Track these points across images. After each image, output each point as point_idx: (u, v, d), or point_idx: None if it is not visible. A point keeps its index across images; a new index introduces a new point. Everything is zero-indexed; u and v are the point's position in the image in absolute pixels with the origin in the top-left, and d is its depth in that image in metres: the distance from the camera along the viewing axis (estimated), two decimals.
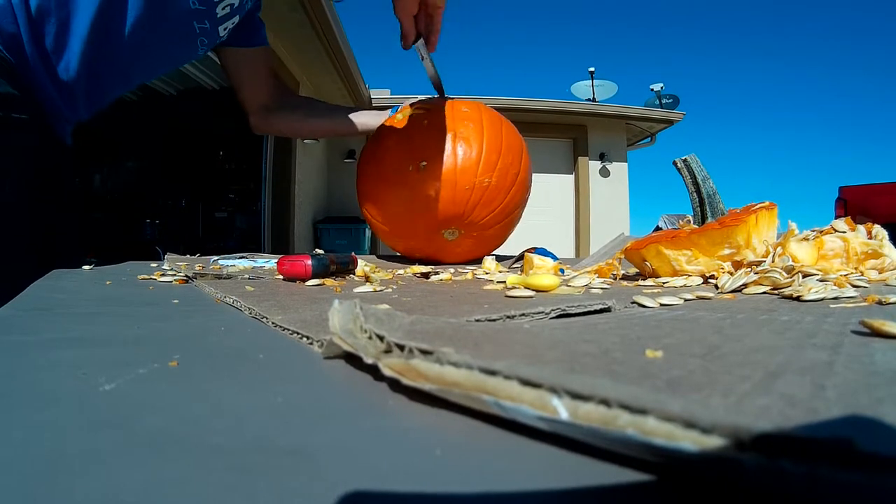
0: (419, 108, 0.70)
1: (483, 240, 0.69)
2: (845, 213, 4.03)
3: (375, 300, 0.30)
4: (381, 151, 0.68)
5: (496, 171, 0.65)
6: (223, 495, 0.09)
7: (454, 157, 0.64)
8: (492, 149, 0.66)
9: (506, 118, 0.73)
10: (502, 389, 0.11)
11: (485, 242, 0.70)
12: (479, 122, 0.67)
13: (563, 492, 0.09)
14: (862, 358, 0.14)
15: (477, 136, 0.65)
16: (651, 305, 0.27)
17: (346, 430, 0.11)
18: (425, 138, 0.65)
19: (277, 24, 2.59)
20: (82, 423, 0.12)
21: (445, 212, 0.64)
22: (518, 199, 0.69)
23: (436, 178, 0.63)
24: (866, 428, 0.09)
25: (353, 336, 0.16)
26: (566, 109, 4.49)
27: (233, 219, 3.90)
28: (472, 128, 0.66)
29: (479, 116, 0.68)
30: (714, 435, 0.08)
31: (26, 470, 0.10)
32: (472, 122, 0.67)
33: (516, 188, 0.68)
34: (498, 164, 0.65)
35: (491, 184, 0.65)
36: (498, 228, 0.69)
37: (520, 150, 0.70)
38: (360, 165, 0.71)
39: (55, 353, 0.18)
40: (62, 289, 0.37)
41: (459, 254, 0.71)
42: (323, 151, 4.32)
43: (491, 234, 0.69)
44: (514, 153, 0.68)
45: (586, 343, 0.16)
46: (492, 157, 0.65)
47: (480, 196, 0.65)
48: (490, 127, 0.68)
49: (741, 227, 0.38)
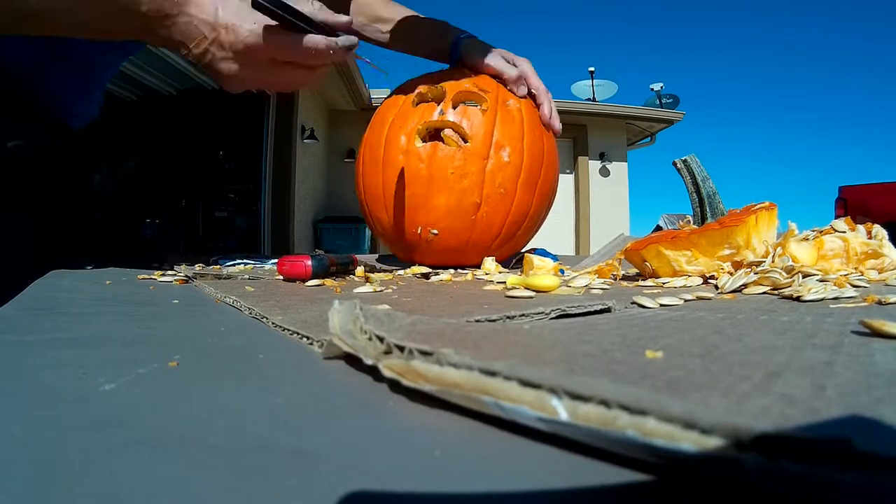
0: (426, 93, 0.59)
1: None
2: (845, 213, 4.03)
3: (375, 300, 0.30)
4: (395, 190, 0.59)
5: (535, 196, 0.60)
6: (223, 495, 0.09)
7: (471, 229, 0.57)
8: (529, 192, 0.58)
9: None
10: (502, 390, 0.11)
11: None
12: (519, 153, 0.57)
13: (563, 492, 0.09)
14: (862, 358, 0.14)
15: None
16: (651, 306, 0.27)
17: (346, 430, 0.11)
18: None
19: None
20: (82, 423, 0.12)
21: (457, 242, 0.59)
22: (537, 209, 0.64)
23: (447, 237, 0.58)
24: (866, 428, 0.09)
25: (353, 337, 0.16)
26: (566, 109, 4.49)
27: (233, 219, 3.90)
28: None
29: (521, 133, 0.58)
30: (714, 435, 0.08)
31: (26, 470, 0.10)
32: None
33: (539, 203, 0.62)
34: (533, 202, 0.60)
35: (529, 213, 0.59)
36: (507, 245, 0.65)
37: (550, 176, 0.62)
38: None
39: (55, 352, 0.18)
40: (62, 289, 0.37)
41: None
42: (323, 151, 4.32)
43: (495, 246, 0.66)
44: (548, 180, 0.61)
45: (586, 343, 0.16)
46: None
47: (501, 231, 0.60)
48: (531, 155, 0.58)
49: (741, 228, 0.38)
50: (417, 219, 0.58)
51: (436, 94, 0.59)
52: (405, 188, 0.57)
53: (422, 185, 0.56)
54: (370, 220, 0.65)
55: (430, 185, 0.56)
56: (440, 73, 0.64)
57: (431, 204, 0.56)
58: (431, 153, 0.56)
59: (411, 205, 0.57)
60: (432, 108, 0.58)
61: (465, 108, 0.57)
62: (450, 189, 0.56)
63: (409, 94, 0.61)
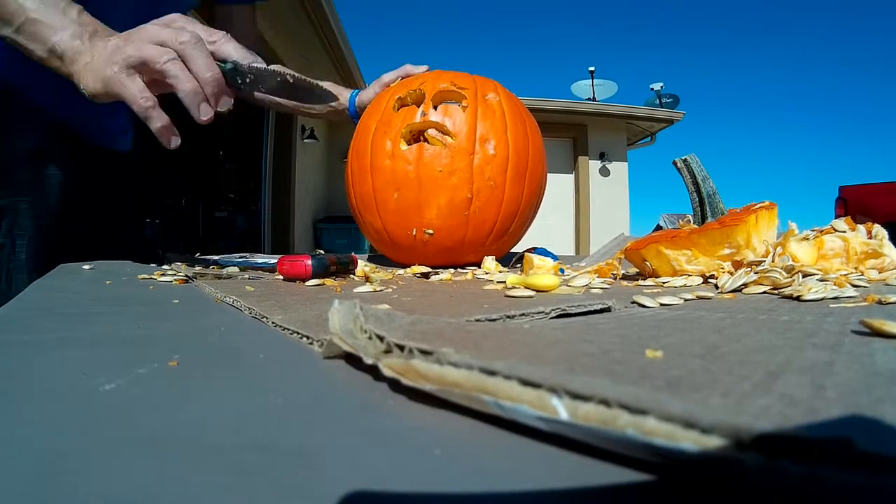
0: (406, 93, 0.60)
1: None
2: (845, 213, 4.03)
3: (375, 300, 0.30)
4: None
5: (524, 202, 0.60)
6: (223, 495, 0.09)
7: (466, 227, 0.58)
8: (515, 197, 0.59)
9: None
10: (502, 389, 0.11)
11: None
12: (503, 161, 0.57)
13: (563, 492, 0.09)
14: (862, 358, 0.14)
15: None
16: (651, 305, 0.27)
17: (346, 430, 0.11)
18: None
19: (277, 21, 2.59)
20: (83, 423, 0.12)
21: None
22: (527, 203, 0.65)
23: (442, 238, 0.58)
24: (866, 428, 0.09)
25: (353, 336, 0.16)
26: (566, 109, 4.49)
27: (233, 219, 3.90)
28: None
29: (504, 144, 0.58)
30: (714, 435, 0.08)
31: (26, 469, 0.10)
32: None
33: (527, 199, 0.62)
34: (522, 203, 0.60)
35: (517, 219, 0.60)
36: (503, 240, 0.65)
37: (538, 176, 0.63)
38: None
39: (55, 352, 0.18)
40: (62, 289, 0.37)
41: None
42: (323, 151, 4.32)
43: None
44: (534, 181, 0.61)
45: (586, 343, 0.16)
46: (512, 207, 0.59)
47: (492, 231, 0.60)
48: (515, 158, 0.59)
49: (741, 227, 0.38)
50: (410, 221, 0.58)
51: (415, 97, 0.60)
52: (395, 192, 0.57)
53: (411, 187, 0.56)
54: (364, 228, 0.65)
55: (420, 187, 0.56)
56: (415, 77, 0.65)
57: (423, 204, 0.57)
58: (418, 155, 0.56)
59: (403, 207, 0.57)
60: (414, 111, 0.58)
61: (446, 107, 0.58)
62: (440, 188, 0.56)
63: (389, 100, 0.61)
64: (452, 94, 0.59)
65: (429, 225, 0.57)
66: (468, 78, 0.61)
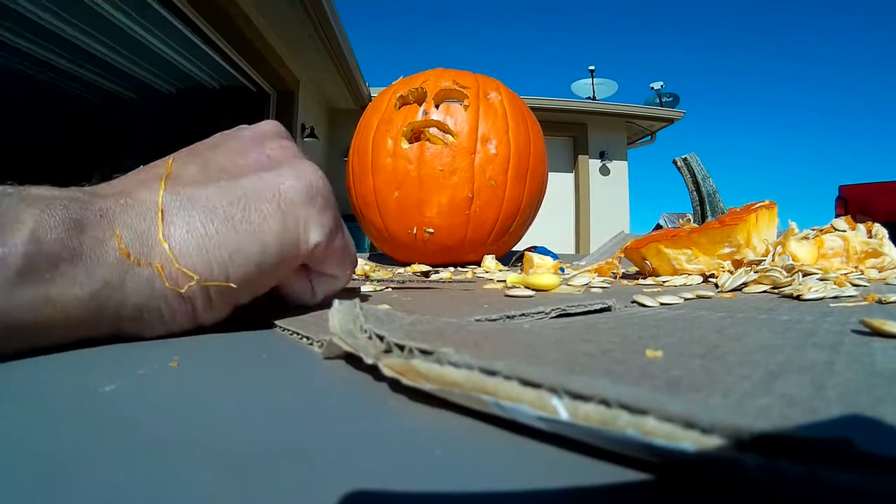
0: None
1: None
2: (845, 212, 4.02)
3: (375, 300, 0.30)
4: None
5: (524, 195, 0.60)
6: (223, 496, 0.09)
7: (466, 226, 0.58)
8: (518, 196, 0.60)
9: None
10: (502, 389, 0.11)
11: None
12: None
13: (563, 492, 0.09)
14: (862, 357, 0.14)
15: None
16: (651, 304, 0.27)
17: (346, 430, 0.11)
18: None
19: (276, 21, 2.59)
20: (82, 423, 0.12)
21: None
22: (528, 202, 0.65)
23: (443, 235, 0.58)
24: (866, 428, 0.09)
25: (353, 336, 0.16)
26: (566, 108, 4.49)
27: None
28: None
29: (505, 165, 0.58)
30: (714, 435, 0.08)
31: (25, 470, 0.10)
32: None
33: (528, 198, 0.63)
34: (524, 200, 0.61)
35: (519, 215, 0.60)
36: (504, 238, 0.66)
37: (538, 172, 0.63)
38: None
39: (55, 352, 0.18)
40: None
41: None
42: (323, 149, 4.31)
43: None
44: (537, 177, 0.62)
45: (586, 343, 0.16)
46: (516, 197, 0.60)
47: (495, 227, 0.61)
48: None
49: (741, 226, 0.38)
50: (411, 220, 0.58)
51: (417, 95, 0.59)
52: (396, 190, 0.57)
53: (412, 185, 0.56)
54: (365, 226, 0.65)
55: (420, 185, 0.56)
56: (418, 75, 0.64)
57: (424, 203, 0.57)
58: (419, 153, 0.56)
59: (404, 206, 0.57)
60: (415, 110, 0.58)
61: (447, 106, 0.58)
62: (441, 186, 0.56)
63: (391, 98, 0.61)
64: (454, 93, 0.59)
65: (429, 224, 0.57)
66: (470, 77, 0.61)
